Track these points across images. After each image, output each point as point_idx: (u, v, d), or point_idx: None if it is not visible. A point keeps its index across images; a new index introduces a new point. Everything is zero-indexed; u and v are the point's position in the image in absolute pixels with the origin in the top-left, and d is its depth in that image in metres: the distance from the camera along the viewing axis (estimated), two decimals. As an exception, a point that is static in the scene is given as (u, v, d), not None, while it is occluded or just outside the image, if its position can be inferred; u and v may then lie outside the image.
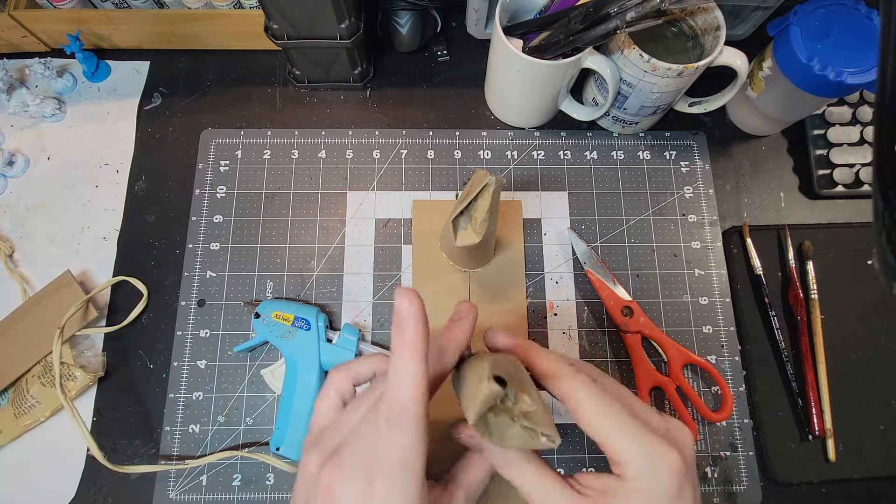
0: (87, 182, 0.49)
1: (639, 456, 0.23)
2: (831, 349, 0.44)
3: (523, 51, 0.42)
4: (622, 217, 0.48)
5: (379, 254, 0.47)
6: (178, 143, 0.50)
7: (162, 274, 0.47)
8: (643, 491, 0.23)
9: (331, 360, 0.42)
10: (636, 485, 0.23)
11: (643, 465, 0.23)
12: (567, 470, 0.42)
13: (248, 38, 0.51)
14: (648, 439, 0.23)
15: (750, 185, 0.50)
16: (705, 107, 0.47)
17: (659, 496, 0.23)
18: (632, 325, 0.44)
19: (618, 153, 0.50)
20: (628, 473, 0.23)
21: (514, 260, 0.47)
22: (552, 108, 0.49)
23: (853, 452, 0.43)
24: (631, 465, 0.23)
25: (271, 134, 0.50)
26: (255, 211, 0.48)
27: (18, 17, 0.48)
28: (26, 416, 0.42)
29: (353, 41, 0.45)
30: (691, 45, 0.44)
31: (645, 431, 0.24)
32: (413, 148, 0.50)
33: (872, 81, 0.39)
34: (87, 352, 0.44)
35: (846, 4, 0.41)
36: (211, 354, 0.44)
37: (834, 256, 0.47)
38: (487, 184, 0.36)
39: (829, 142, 0.49)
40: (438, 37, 0.53)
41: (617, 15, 0.37)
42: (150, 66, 0.53)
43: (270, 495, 0.41)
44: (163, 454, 0.42)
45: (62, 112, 0.51)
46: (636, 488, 0.23)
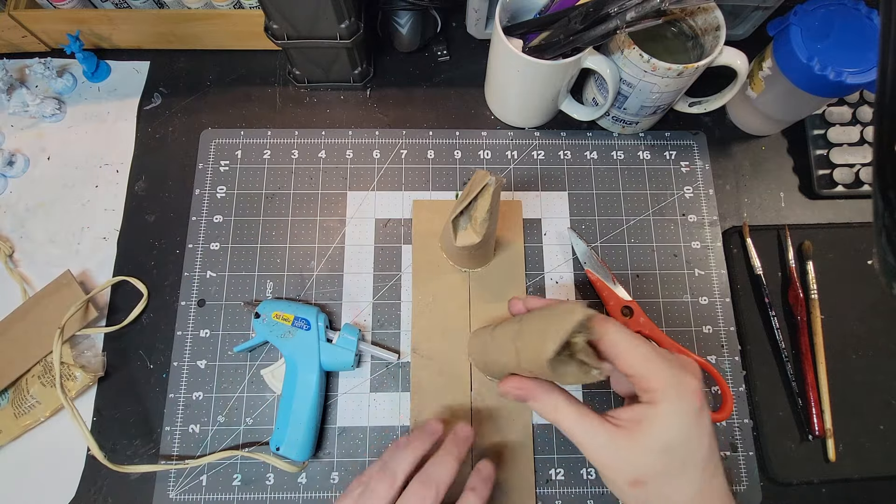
0: (87, 182, 0.49)
1: (669, 383, 0.28)
2: (831, 349, 0.44)
3: (523, 51, 0.42)
4: (622, 217, 0.48)
5: (379, 254, 0.47)
6: (178, 143, 0.50)
7: (162, 274, 0.47)
8: (673, 411, 0.27)
9: (331, 359, 0.42)
10: (667, 407, 0.27)
11: (672, 389, 0.27)
12: (566, 470, 0.42)
13: (248, 38, 0.51)
14: (673, 368, 0.28)
15: (750, 185, 0.50)
16: (705, 107, 0.47)
17: (686, 413, 0.28)
18: (632, 325, 0.44)
19: (618, 153, 0.50)
20: (658, 398, 0.28)
21: (514, 260, 0.47)
22: (552, 108, 0.49)
23: (853, 452, 0.43)
24: (660, 391, 0.28)
25: (271, 134, 0.50)
26: (255, 211, 0.48)
27: (18, 17, 0.48)
28: (26, 416, 0.42)
29: (353, 41, 0.45)
30: (691, 45, 0.44)
31: (669, 363, 0.28)
32: (413, 148, 0.50)
33: (872, 81, 0.39)
34: (87, 352, 0.44)
35: (846, 4, 0.41)
36: (211, 354, 0.44)
37: (834, 256, 0.47)
38: (487, 184, 0.36)
39: (829, 142, 0.49)
40: (438, 37, 0.53)
41: (617, 15, 0.37)
42: (150, 66, 0.53)
43: (270, 495, 0.41)
44: (163, 454, 0.42)
45: (62, 112, 0.51)
46: (667, 410, 0.27)
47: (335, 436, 0.43)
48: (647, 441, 0.28)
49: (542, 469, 0.42)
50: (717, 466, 0.29)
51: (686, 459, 0.28)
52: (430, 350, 0.44)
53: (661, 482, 0.28)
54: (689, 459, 0.28)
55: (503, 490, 0.41)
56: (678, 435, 0.27)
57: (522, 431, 0.42)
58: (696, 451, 0.28)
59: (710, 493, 0.28)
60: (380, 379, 0.44)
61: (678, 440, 0.28)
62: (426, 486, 0.32)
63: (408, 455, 0.34)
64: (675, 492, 0.28)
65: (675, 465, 0.28)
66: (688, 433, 0.28)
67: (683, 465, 0.28)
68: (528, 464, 0.42)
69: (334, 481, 0.42)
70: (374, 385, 0.44)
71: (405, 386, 0.44)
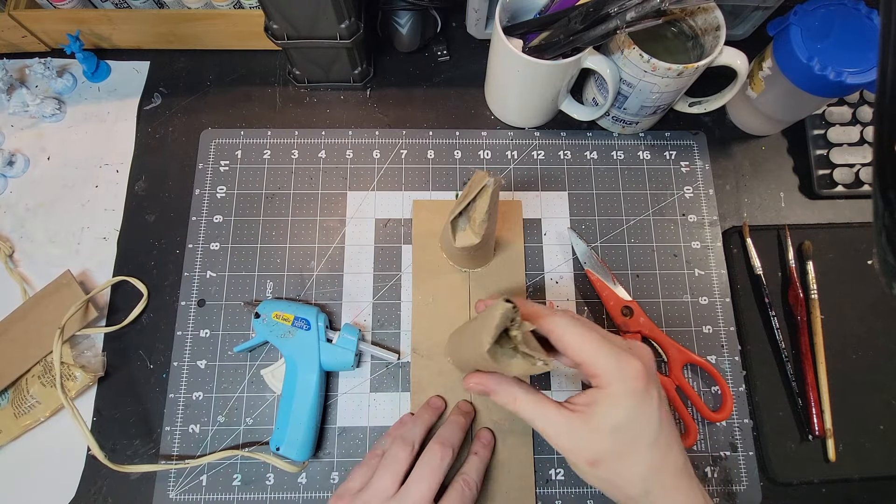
0: (87, 182, 0.49)
1: (612, 367, 0.30)
2: (831, 349, 0.44)
3: (523, 51, 0.42)
4: (622, 217, 0.48)
5: (379, 254, 0.47)
6: (178, 143, 0.50)
7: (162, 274, 0.47)
8: (619, 393, 0.30)
9: (331, 359, 0.42)
10: (612, 389, 0.30)
11: (616, 373, 0.30)
12: (566, 470, 0.42)
13: (248, 38, 0.51)
14: (617, 353, 0.30)
15: (750, 185, 0.50)
16: (705, 107, 0.47)
17: (630, 393, 0.30)
18: (632, 325, 0.44)
19: (618, 153, 0.50)
20: (604, 382, 0.30)
21: (514, 260, 0.47)
22: (552, 108, 0.49)
23: (853, 452, 0.43)
24: (605, 374, 0.30)
25: (271, 134, 0.50)
26: (255, 211, 0.48)
27: (18, 17, 0.48)
28: (26, 416, 0.42)
29: (353, 41, 0.45)
30: (691, 45, 0.44)
31: (614, 348, 0.30)
32: (413, 148, 0.50)
33: (872, 81, 0.39)
34: (87, 352, 0.44)
35: (846, 4, 0.41)
36: (211, 354, 0.44)
37: (834, 256, 0.47)
38: (486, 185, 0.36)
39: (829, 142, 0.49)
40: (438, 37, 0.53)
41: (617, 15, 0.37)
42: (150, 66, 0.53)
43: (270, 495, 0.41)
44: (163, 454, 0.42)
45: (62, 112, 0.51)
46: (612, 392, 0.30)
47: (335, 436, 0.43)
48: (598, 423, 0.30)
49: (542, 469, 0.42)
50: (671, 442, 0.31)
51: (635, 437, 0.30)
52: (430, 350, 0.44)
53: (615, 460, 0.30)
54: (638, 437, 0.30)
55: (503, 490, 0.41)
56: (624, 415, 0.30)
57: (522, 431, 0.42)
58: (644, 428, 0.30)
59: (664, 467, 0.30)
60: (380, 379, 0.44)
61: (625, 420, 0.30)
62: (444, 446, 0.37)
63: (420, 426, 0.39)
64: (628, 468, 0.30)
65: (626, 444, 0.30)
66: (633, 412, 0.30)
67: (633, 443, 0.30)
68: (528, 464, 0.42)
69: (334, 481, 0.42)
70: (374, 385, 0.44)
71: (405, 386, 0.44)
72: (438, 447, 0.36)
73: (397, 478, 0.35)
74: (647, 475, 0.30)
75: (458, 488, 0.36)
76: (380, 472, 0.36)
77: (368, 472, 0.37)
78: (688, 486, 0.31)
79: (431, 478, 0.35)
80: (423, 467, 0.36)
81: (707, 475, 0.42)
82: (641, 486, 0.30)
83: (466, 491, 0.36)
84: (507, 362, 0.32)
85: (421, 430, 0.39)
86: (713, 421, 0.42)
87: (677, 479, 0.30)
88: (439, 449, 0.36)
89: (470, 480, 0.37)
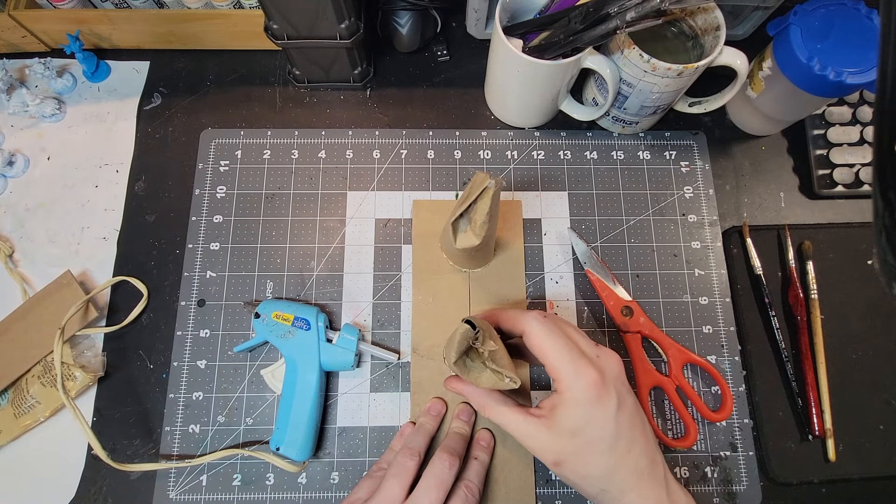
0: (87, 182, 0.49)
1: (570, 373, 0.32)
2: (831, 349, 0.44)
3: (523, 51, 0.42)
4: (622, 217, 0.48)
5: (379, 254, 0.47)
6: (178, 143, 0.50)
7: (162, 274, 0.47)
8: (573, 399, 0.32)
9: (331, 359, 0.42)
10: (569, 395, 0.32)
11: (572, 379, 0.32)
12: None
13: (248, 38, 0.51)
14: (576, 360, 0.32)
15: (750, 185, 0.50)
16: (705, 107, 0.47)
17: (585, 400, 0.32)
18: (632, 325, 0.44)
19: (618, 153, 0.50)
20: (562, 387, 0.32)
21: (514, 260, 0.47)
22: (552, 108, 0.49)
23: (853, 452, 0.43)
24: (564, 380, 0.32)
25: (271, 134, 0.50)
26: (255, 211, 0.48)
27: (18, 17, 0.48)
28: (26, 416, 0.42)
29: (353, 41, 0.45)
30: (691, 45, 0.44)
31: (575, 355, 0.32)
32: (413, 148, 0.50)
33: (872, 81, 0.39)
34: (87, 352, 0.44)
35: (846, 4, 0.41)
36: (211, 354, 0.44)
37: (834, 256, 0.47)
38: (487, 186, 0.36)
39: (829, 142, 0.49)
40: (438, 37, 0.53)
41: (617, 15, 0.37)
42: (150, 66, 0.53)
43: (270, 495, 0.41)
44: (163, 454, 0.42)
45: (62, 112, 0.51)
46: (570, 398, 0.32)
47: (335, 436, 0.43)
48: (558, 426, 0.32)
49: (542, 469, 0.42)
50: (631, 447, 0.32)
51: (591, 441, 0.32)
52: (430, 350, 0.44)
53: (575, 461, 0.32)
54: (594, 441, 0.32)
55: (503, 490, 0.41)
56: (580, 419, 0.32)
57: (522, 431, 0.42)
58: (598, 433, 0.32)
59: (623, 468, 0.32)
60: (380, 379, 0.44)
61: (580, 424, 0.32)
62: (451, 455, 0.37)
63: (423, 435, 0.40)
64: (588, 468, 0.32)
65: (583, 446, 0.32)
66: (588, 417, 0.32)
67: (590, 446, 0.32)
68: (528, 464, 0.42)
69: (334, 481, 0.42)
70: (374, 385, 0.44)
71: (405, 386, 0.44)
72: (447, 456, 0.37)
73: (405, 487, 0.36)
74: (603, 476, 0.32)
75: (462, 495, 0.36)
76: (388, 480, 0.36)
77: (374, 483, 0.37)
78: (647, 487, 0.32)
79: (440, 487, 0.35)
80: (431, 477, 0.36)
81: (707, 475, 0.42)
82: (598, 486, 0.32)
83: (469, 497, 0.36)
84: (476, 376, 0.36)
85: (425, 438, 0.39)
86: (713, 421, 0.42)
87: (637, 481, 0.32)
88: (447, 458, 0.37)
89: (472, 486, 0.37)
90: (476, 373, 0.37)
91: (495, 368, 0.35)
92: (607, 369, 0.33)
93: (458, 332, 0.34)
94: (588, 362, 0.32)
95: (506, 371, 0.35)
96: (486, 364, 0.36)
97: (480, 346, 0.35)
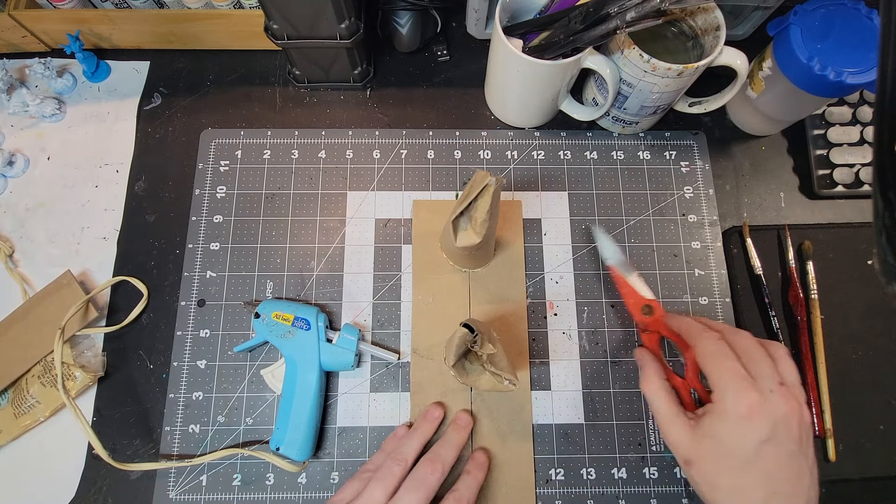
0: (87, 182, 0.49)
1: (729, 391, 0.32)
2: (831, 349, 0.44)
3: (523, 51, 0.42)
4: (622, 217, 0.48)
5: (379, 254, 0.47)
6: (178, 143, 0.50)
7: (162, 274, 0.47)
8: (723, 410, 0.32)
9: (331, 359, 0.42)
10: (719, 406, 0.33)
11: (731, 395, 0.32)
12: (566, 470, 0.42)
13: (248, 38, 0.51)
14: (740, 382, 0.32)
15: (750, 185, 0.50)
16: (705, 107, 0.47)
17: (731, 415, 0.32)
18: (651, 325, 0.43)
19: (618, 153, 0.50)
20: (716, 398, 0.33)
21: (514, 260, 0.47)
22: (552, 108, 0.49)
23: (853, 452, 0.43)
24: (720, 394, 0.33)
25: (271, 134, 0.50)
26: (255, 211, 0.48)
27: (18, 17, 0.48)
28: (26, 416, 0.42)
29: (353, 41, 0.45)
30: (691, 45, 0.44)
31: (740, 377, 0.32)
32: (413, 148, 0.50)
33: (872, 81, 0.39)
34: (87, 352, 0.44)
35: (846, 4, 0.41)
36: (211, 354, 0.44)
37: (834, 256, 0.47)
38: (487, 184, 0.36)
39: (829, 142, 0.49)
40: (438, 37, 0.53)
41: (617, 15, 0.37)
42: (150, 66, 0.53)
43: (270, 495, 0.41)
44: (163, 454, 0.42)
45: (62, 112, 0.51)
46: (718, 409, 0.33)
47: (335, 436, 0.43)
48: (700, 430, 0.33)
49: (542, 469, 0.42)
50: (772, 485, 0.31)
51: (724, 452, 0.32)
52: (430, 350, 0.44)
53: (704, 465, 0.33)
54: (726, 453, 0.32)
55: (503, 490, 0.41)
56: (721, 429, 0.32)
57: (522, 431, 0.42)
58: (734, 448, 0.32)
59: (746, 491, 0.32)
60: (380, 379, 0.44)
61: (720, 432, 0.32)
62: (434, 463, 0.37)
63: (415, 442, 0.39)
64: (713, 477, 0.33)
65: (714, 453, 0.33)
66: (729, 430, 0.32)
67: (721, 457, 0.32)
68: (528, 464, 0.42)
69: (334, 481, 0.42)
70: (374, 385, 0.44)
71: (405, 386, 0.44)
72: (429, 463, 0.37)
73: (389, 491, 0.36)
74: (729, 491, 0.32)
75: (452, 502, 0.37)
76: (372, 484, 0.36)
77: (360, 485, 0.37)
78: None
79: (419, 489, 0.36)
80: (413, 479, 0.36)
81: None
82: (718, 497, 0.33)
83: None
84: (476, 378, 0.37)
85: (417, 444, 0.39)
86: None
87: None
88: (429, 465, 0.37)
89: (462, 497, 0.37)
90: (475, 375, 0.37)
91: (494, 371, 0.36)
92: (774, 406, 0.32)
93: (456, 335, 0.35)
94: (752, 387, 0.32)
95: (505, 373, 0.36)
96: (485, 367, 0.36)
97: (479, 350, 0.36)
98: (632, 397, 0.44)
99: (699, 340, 0.35)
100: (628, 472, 0.42)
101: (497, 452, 0.42)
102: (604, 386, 0.44)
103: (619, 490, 0.42)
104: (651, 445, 0.43)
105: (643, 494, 0.42)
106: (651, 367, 0.38)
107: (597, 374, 0.44)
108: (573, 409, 0.43)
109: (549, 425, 0.43)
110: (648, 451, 0.43)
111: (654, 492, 0.42)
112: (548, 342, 0.45)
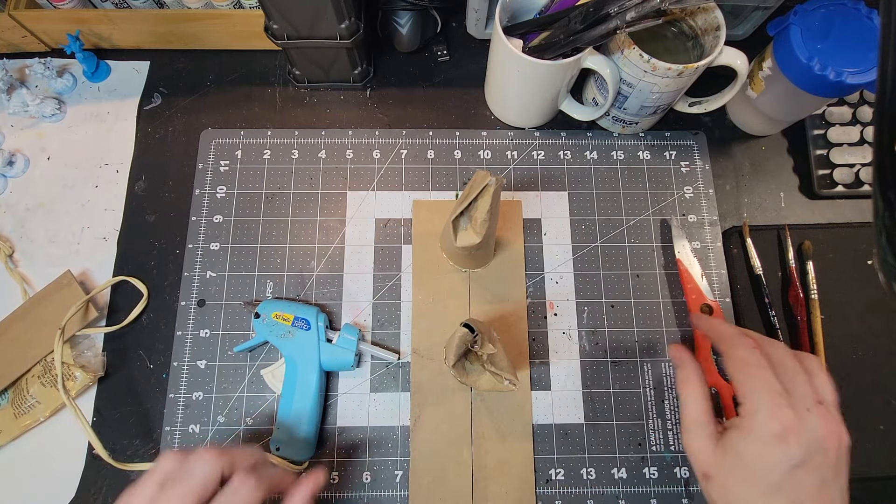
0: (87, 182, 0.49)
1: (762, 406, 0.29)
2: (831, 349, 0.44)
3: (523, 51, 0.42)
4: (622, 217, 0.48)
5: (379, 254, 0.47)
6: (178, 143, 0.50)
7: (162, 274, 0.47)
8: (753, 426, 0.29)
9: (331, 359, 0.42)
10: (748, 421, 0.30)
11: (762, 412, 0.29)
12: (566, 470, 0.42)
13: (248, 38, 0.51)
14: (775, 398, 0.29)
15: (750, 185, 0.50)
16: (705, 107, 0.47)
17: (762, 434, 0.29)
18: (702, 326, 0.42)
19: (618, 153, 0.50)
20: (746, 412, 0.30)
21: (514, 260, 0.47)
22: (552, 108, 0.49)
23: (853, 452, 0.42)
24: (751, 408, 0.30)
25: (271, 134, 0.50)
26: (255, 211, 0.48)
27: (18, 17, 0.48)
28: (26, 416, 0.42)
29: (353, 41, 0.45)
30: (691, 45, 0.44)
31: (775, 393, 0.30)
32: (413, 148, 0.50)
33: (872, 81, 0.39)
34: (87, 352, 0.44)
35: (846, 4, 0.41)
36: (211, 354, 0.44)
37: (834, 256, 0.47)
38: (487, 184, 0.36)
39: (829, 142, 0.49)
40: (438, 37, 0.53)
41: (617, 15, 0.37)
42: (150, 66, 0.53)
43: (270, 495, 0.41)
44: (163, 454, 0.42)
45: (62, 112, 0.51)
46: (747, 423, 0.30)
47: (335, 436, 0.43)
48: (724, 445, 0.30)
49: (542, 469, 0.42)
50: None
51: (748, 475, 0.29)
52: (430, 350, 0.44)
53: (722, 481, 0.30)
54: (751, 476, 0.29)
55: (503, 490, 0.41)
56: (748, 448, 0.29)
57: (522, 431, 0.42)
58: (761, 470, 0.29)
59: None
60: (380, 379, 0.44)
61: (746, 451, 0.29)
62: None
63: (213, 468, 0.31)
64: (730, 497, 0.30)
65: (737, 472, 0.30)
66: (757, 451, 0.29)
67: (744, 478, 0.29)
68: (528, 464, 0.42)
69: (334, 481, 0.42)
70: (374, 385, 0.44)
71: (405, 386, 0.44)
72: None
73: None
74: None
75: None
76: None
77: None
78: None
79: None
80: None
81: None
82: None
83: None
84: (476, 378, 0.37)
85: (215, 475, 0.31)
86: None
87: None
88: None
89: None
90: (475, 375, 0.37)
91: (494, 371, 0.36)
92: (811, 427, 0.29)
93: (456, 335, 0.35)
94: (787, 404, 0.29)
95: (505, 373, 0.36)
96: (486, 367, 0.36)
97: (479, 350, 0.36)
98: (632, 397, 0.44)
99: (730, 346, 0.32)
100: (628, 472, 0.42)
101: (497, 452, 0.42)
102: (604, 386, 0.44)
103: (619, 490, 0.42)
104: (651, 445, 0.43)
105: (643, 494, 0.42)
106: (691, 368, 0.34)
107: (597, 374, 0.44)
108: (573, 409, 0.43)
109: (549, 425, 0.43)
110: (648, 451, 0.43)
111: (654, 492, 0.42)
112: (548, 342, 0.45)
